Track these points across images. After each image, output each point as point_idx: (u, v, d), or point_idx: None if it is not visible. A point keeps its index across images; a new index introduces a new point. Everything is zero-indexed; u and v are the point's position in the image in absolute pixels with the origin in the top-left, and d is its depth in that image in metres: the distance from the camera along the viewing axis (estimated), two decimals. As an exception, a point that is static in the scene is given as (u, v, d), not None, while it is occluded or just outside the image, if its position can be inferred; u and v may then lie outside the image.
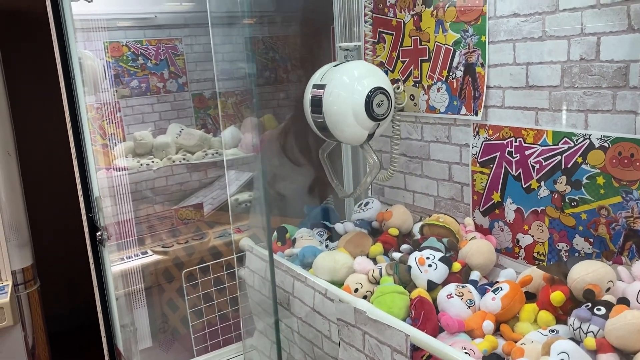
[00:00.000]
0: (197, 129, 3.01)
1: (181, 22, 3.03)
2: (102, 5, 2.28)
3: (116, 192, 2.06)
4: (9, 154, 2.30)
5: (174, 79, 3.03)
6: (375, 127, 1.59)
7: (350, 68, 1.61)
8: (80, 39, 2.16)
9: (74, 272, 3.38)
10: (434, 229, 1.61)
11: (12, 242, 2.30)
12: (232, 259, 2.35)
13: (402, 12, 1.77)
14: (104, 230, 1.50)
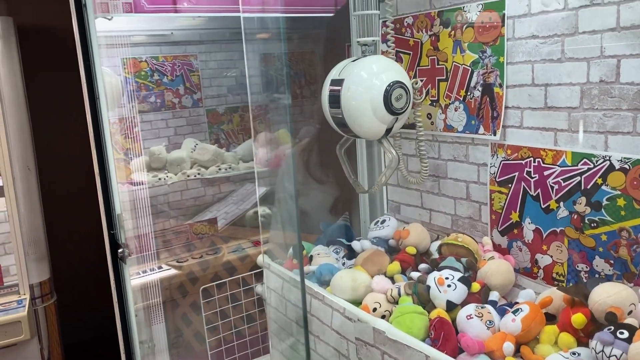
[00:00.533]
0: (211, 144, 3.05)
1: (196, 39, 3.07)
2: (121, 23, 2.32)
3: (133, 207, 2.08)
4: (28, 168, 2.33)
5: (189, 94, 3.07)
6: (393, 122, 1.58)
7: (369, 63, 1.61)
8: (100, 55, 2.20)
9: (90, 285, 3.40)
10: (452, 248, 1.61)
11: (30, 256, 2.33)
12: (248, 275, 2.36)
13: (420, 32, 1.78)
14: (125, 247, 1.52)
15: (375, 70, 1.57)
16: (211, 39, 3.12)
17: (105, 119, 1.52)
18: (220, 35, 3.12)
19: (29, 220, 2.33)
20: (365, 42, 1.67)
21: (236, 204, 3.08)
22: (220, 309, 2.30)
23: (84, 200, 3.33)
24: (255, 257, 2.66)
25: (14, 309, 2.22)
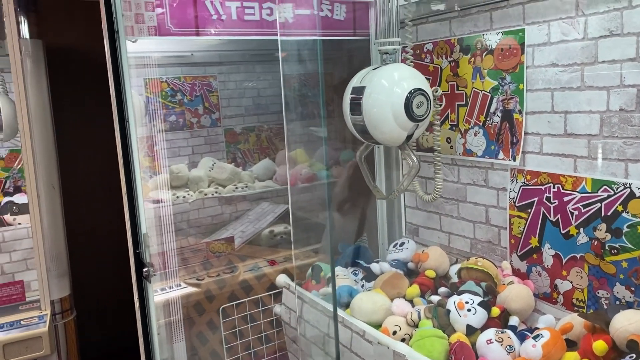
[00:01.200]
0: (228, 163, 3.09)
1: (216, 60, 3.14)
2: (144, 44, 2.38)
3: (153, 224, 2.12)
4: (53, 186, 2.38)
5: (208, 114, 3.13)
6: (414, 128, 1.60)
7: (390, 70, 1.63)
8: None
9: (108, 301, 3.44)
10: (472, 272, 1.62)
11: (52, 272, 2.37)
12: (265, 295, 2.37)
13: (439, 59, 1.82)
14: (150, 266, 1.55)
15: (396, 78, 1.60)
16: (230, 60, 3.18)
17: (134, 141, 1.56)
18: (239, 57, 3.18)
19: (52, 236, 2.38)
20: (386, 50, 1.70)
21: (252, 223, 3.11)
22: (239, 328, 2.31)
23: (104, 218, 3.39)
24: (272, 276, 2.67)
25: (35, 324, 2.25)
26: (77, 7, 3.25)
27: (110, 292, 3.42)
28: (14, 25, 2.18)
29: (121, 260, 3.60)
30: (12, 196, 2.75)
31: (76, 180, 2.98)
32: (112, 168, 3.50)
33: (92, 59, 3.32)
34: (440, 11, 1.77)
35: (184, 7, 2.20)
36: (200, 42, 3.00)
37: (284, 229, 3.00)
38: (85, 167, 3.16)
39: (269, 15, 2.37)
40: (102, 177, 3.35)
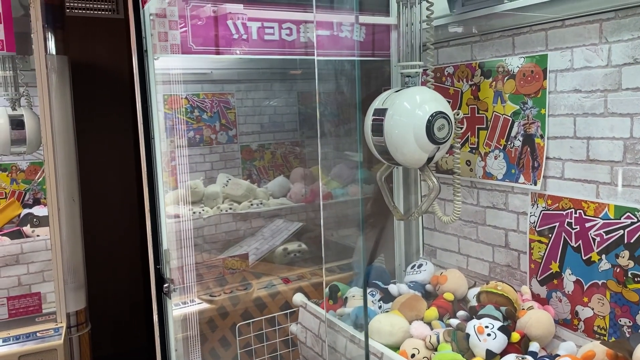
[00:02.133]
0: (243, 179, 3.11)
1: (234, 78, 3.18)
2: (165, 62, 2.43)
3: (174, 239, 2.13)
4: (73, 199, 2.41)
5: (225, 131, 3.16)
6: (435, 151, 1.62)
7: (412, 93, 1.66)
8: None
9: (120, 316, 3.45)
10: (491, 296, 1.61)
11: (69, 284, 2.38)
12: (280, 313, 2.36)
13: (460, 82, 1.83)
14: (170, 282, 1.56)
15: (418, 101, 1.62)
16: (248, 78, 3.23)
17: (158, 157, 1.59)
18: (257, 75, 3.23)
19: (70, 249, 2.40)
20: (408, 74, 1.72)
21: (266, 240, 3.11)
22: (255, 346, 2.30)
23: (119, 232, 3.42)
24: (286, 294, 2.67)
25: (50, 336, 2.27)
26: (99, 24, 3.32)
27: (123, 307, 3.44)
28: (41, 41, 2.23)
29: (135, 276, 3.63)
30: (31, 208, 2.79)
31: (93, 194, 3.02)
32: (128, 183, 3.55)
33: (112, 75, 3.39)
34: (461, 35, 1.79)
35: (206, 26, 2.24)
36: (220, 60, 3.05)
37: (297, 247, 3.00)
38: (101, 182, 3.19)
39: (288, 35, 2.41)
40: (118, 192, 3.40)
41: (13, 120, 2.43)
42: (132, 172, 3.48)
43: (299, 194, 3.18)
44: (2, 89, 2.49)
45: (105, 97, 3.27)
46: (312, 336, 1.84)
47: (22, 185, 2.93)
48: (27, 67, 2.64)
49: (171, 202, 2.67)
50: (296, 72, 3.11)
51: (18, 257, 2.53)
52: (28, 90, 2.63)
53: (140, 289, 3.57)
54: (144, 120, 1.57)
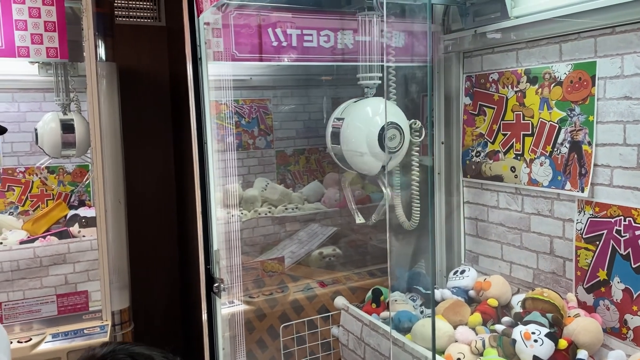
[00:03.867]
0: (278, 184, 3.16)
1: (272, 84, 3.24)
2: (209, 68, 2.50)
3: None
4: (119, 201, 2.49)
5: (263, 136, 3.22)
6: (388, 159, 1.70)
7: (367, 104, 1.75)
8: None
9: (160, 317, 3.53)
10: (537, 303, 1.61)
11: (114, 284, 2.46)
12: (318, 316, 2.38)
13: (505, 88, 1.84)
14: (220, 281, 1.61)
15: (371, 112, 1.72)
16: (284, 84, 3.28)
17: (211, 162, 1.64)
18: (294, 82, 3.28)
19: (116, 250, 2.48)
20: (366, 85, 1.80)
21: (301, 244, 3.15)
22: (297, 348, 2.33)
23: (158, 235, 3.50)
24: (323, 297, 2.69)
25: (97, 333, 2.34)
26: (142, 32, 3.42)
27: (160, 309, 3.52)
28: (92, 48, 2.31)
29: (175, 278, 3.70)
30: (77, 209, 2.89)
31: (135, 197, 3.11)
32: (167, 186, 3.62)
33: (154, 81, 3.48)
34: (506, 42, 1.80)
35: (249, 34, 2.30)
36: (260, 66, 3.11)
37: (332, 251, 3.03)
38: (142, 185, 3.28)
39: (326, 42, 2.44)
40: (157, 195, 3.48)
41: (64, 124, 2.53)
42: (172, 175, 3.56)
43: (333, 199, 3.21)
44: (54, 94, 2.60)
45: (147, 102, 3.36)
46: (354, 339, 1.86)
47: (68, 187, 3.04)
48: (76, 73, 2.75)
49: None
50: (331, 79, 3.15)
51: (65, 257, 2.62)
52: (77, 95, 2.73)
53: (177, 293, 3.65)
54: (197, 125, 1.62)
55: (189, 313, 3.50)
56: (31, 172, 2.91)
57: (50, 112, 2.60)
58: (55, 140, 2.53)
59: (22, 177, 2.90)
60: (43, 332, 2.28)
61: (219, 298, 1.63)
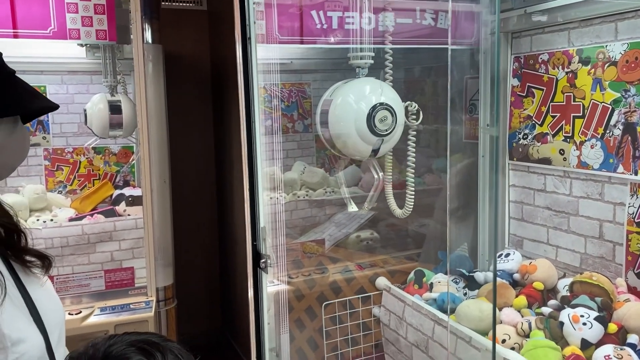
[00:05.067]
0: (317, 168, 3.18)
1: (312, 68, 3.24)
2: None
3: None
4: (165, 181, 2.55)
5: (301, 120, 3.23)
6: (379, 143, 1.61)
7: (357, 84, 1.67)
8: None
9: (204, 294, 3.62)
10: (585, 286, 1.58)
11: (158, 261, 2.53)
12: (357, 297, 2.39)
13: (555, 69, 1.80)
14: (267, 257, 1.64)
15: (362, 92, 1.63)
16: (324, 68, 3.27)
17: (258, 141, 1.67)
18: (333, 65, 3.27)
19: (161, 228, 2.54)
20: (358, 65, 1.71)
21: (339, 227, 3.17)
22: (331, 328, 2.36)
23: (198, 214, 3.58)
24: (361, 279, 2.71)
25: (142, 308, 2.42)
26: (186, 16, 3.48)
27: (200, 288, 3.60)
28: (139, 31, 2.36)
29: (215, 257, 3.78)
30: (122, 189, 2.97)
31: (178, 177, 3.19)
32: (207, 166, 3.68)
33: (197, 65, 3.54)
34: (558, 21, 1.75)
35: (291, 16, 2.30)
36: (300, 49, 3.12)
37: (370, 235, 3.03)
38: (184, 165, 3.34)
39: (368, 24, 2.43)
40: (199, 175, 3.55)
41: (112, 105, 2.60)
42: (211, 156, 3.63)
43: (370, 183, 3.21)
44: (102, 76, 2.67)
45: (188, 85, 3.42)
46: (396, 319, 1.87)
47: (113, 167, 3.13)
48: (122, 56, 2.82)
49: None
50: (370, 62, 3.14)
51: (111, 234, 2.70)
52: (124, 78, 2.80)
53: (216, 271, 3.73)
54: (246, 104, 1.65)
55: (228, 291, 3.57)
56: (79, 153, 3.00)
57: (99, 94, 2.67)
58: (103, 121, 2.60)
59: (71, 157, 3.00)
60: (92, 306, 2.36)
61: (265, 274, 1.67)
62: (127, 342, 0.83)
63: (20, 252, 0.94)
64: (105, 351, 0.82)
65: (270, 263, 1.64)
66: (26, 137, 0.94)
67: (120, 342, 0.83)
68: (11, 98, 0.86)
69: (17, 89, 0.88)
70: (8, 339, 0.84)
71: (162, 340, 0.87)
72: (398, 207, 1.92)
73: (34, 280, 0.94)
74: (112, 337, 0.86)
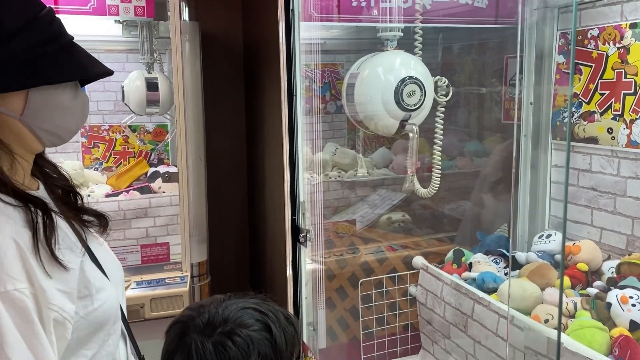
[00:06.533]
0: (349, 149, 3.16)
1: (345, 48, 3.20)
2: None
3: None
4: (200, 158, 2.57)
5: (333, 101, 3.20)
6: (407, 118, 1.55)
7: (385, 57, 1.62)
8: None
9: (235, 270, 3.66)
10: (634, 268, 1.54)
11: (193, 237, 2.56)
12: (405, 275, 2.36)
13: (606, 45, 1.74)
14: (306, 231, 1.64)
15: (389, 65, 1.57)
16: (357, 48, 3.23)
17: (299, 116, 1.66)
18: (367, 45, 3.23)
19: (195, 205, 2.57)
20: (387, 37, 1.65)
21: (371, 208, 3.15)
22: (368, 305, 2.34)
23: (231, 191, 3.60)
24: (393, 260, 2.70)
25: (177, 283, 2.45)
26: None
27: (233, 262, 3.64)
28: (176, 8, 2.36)
29: (243, 234, 3.80)
30: (156, 167, 3.01)
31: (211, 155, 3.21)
32: (238, 144, 3.69)
33: (229, 43, 3.53)
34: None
35: (328, -7, 2.27)
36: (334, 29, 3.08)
37: (401, 217, 3.01)
38: (217, 144, 3.36)
39: (404, 2, 2.38)
40: (231, 153, 3.57)
41: (149, 82, 2.61)
42: (243, 134, 3.63)
43: (401, 166, 3.18)
44: (139, 54, 2.69)
45: (220, 63, 3.42)
46: (433, 298, 1.86)
47: (148, 145, 3.16)
48: (157, 34, 2.83)
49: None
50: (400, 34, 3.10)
51: (146, 211, 2.74)
52: (160, 56, 2.81)
53: (246, 248, 3.76)
54: (288, 81, 1.64)
55: (258, 269, 3.60)
56: (115, 130, 3.04)
57: (136, 71, 2.69)
58: (140, 98, 2.63)
59: (107, 134, 3.04)
60: (128, 279, 2.41)
61: (304, 248, 1.67)
62: (237, 308, 0.85)
63: (79, 211, 0.96)
64: (222, 314, 0.84)
65: (309, 237, 1.64)
66: (86, 102, 0.95)
67: (230, 306, 0.86)
68: (76, 62, 0.88)
69: (80, 54, 0.90)
70: (93, 286, 0.86)
71: (266, 303, 0.91)
72: (421, 187, 1.90)
73: (93, 239, 0.96)
74: (215, 302, 0.89)
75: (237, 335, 0.90)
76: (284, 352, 0.94)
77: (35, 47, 0.83)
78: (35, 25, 0.84)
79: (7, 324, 0.71)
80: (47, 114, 0.87)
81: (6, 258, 0.75)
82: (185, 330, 0.94)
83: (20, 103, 0.84)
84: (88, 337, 0.90)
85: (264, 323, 0.93)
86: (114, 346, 0.99)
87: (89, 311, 0.88)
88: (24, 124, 0.86)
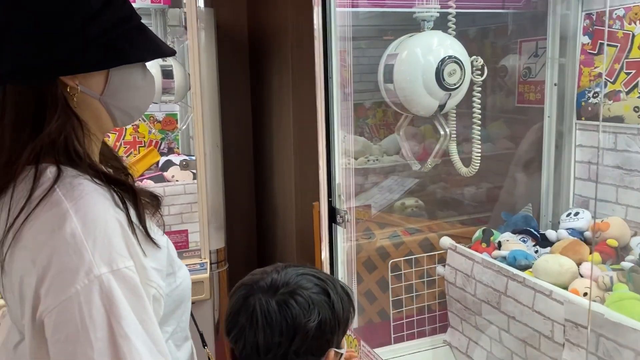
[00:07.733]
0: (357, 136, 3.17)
1: (352, 35, 3.19)
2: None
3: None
4: (217, 145, 2.57)
5: (340, 89, 3.20)
6: (446, 98, 1.59)
7: (424, 37, 1.63)
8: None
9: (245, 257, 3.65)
10: (665, 242, 1.58)
11: (211, 224, 2.55)
12: (434, 255, 2.37)
13: (632, 24, 1.77)
14: (345, 212, 1.66)
15: (429, 45, 1.60)
16: (365, 35, 3.23)
17: (335, 100, 1.67)
18: (375, 32, 3.24)
19: (213, 191, 2.56)
20: (423, 18, 1.67)
21: (383, 194, 3.17)
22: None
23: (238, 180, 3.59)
24: (410, 244, 2.73)
25: (197, 270, 2.45)
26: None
27: (243, 250, 3.64)
28: (192, -6, 2.34)
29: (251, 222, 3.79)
30: (167, 156, 2.99)
31: (232, 143, 3.19)
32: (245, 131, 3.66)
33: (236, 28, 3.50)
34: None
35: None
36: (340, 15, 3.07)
37: (415, 202, 3.04)
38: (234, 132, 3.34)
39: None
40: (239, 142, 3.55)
41: (164, 70, 2.59)
42: (249, 124, 3.62)
43: (412, 152, 3.21)
44: (155, 41, 2.66)
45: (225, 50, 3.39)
46: (463, 276, 1.88)
47: (158, 135, 3.14)
48: (170, 22, 2.80)
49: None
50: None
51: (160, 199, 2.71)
52: (173, 43, 2.79)
53: (254, 235, 3.76)
54: (324, 66, 1.65)
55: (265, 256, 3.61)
56: (124, 119, 3.01)
57: (150, 58, 2.66)
58: (156, 85, 2.60)
59: (116, 123, 3.00)
60: (149, 266, 2.40)
61: (342, 228, 1.68)
62: (297, 273, 0.88)
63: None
64: (284, 278, 0.86)
65: (348, 218, 1.65)
66: (153, 81, 0.95)
67: (291, 272, 0.89)
68: (150, 41, 0.88)
69: (151, 32, 0.90)
70: (175, 264, 0.87)
71: (323, 272, 0.94)
72: (463, 165, 1.92)
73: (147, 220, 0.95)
74: (276, 268, 0.92)
75: (299, 295, 0.95)
76: (340, 317, 1.00)
77: (116, 26, 0.83)
78: (113, 4, 0.83)
79: (121, 300, 0.72)
80: (123, 93, 0.87)
81: (115, 237, 0.75)
82: (250, 292, 0.99)
83: (101, 83, 0.84)
84: (170, 314, 0.91)
85: (323, 288, 0.99)
86: (186, 322, 1.00)
87: (173, 288, 0.89)
88: (103, 103, 0.86)
